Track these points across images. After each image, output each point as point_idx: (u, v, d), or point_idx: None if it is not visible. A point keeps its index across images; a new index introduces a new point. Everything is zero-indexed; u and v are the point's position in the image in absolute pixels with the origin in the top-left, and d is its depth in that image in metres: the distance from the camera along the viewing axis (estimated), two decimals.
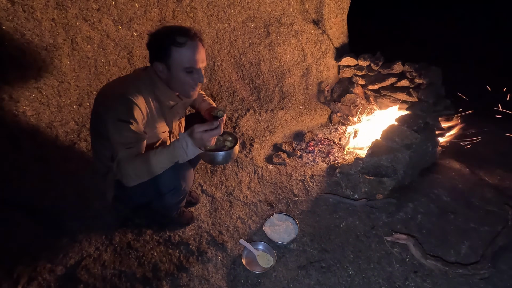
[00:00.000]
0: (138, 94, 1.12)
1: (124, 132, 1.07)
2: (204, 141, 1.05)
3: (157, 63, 1.12)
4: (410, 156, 1.81)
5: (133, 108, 1.08)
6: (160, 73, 1.15)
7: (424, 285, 1.38)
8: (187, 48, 1.08)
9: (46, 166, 1.55)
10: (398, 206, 1.78)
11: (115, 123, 1.06)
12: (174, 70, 1.11)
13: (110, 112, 1.08)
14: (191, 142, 1.05)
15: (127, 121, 1.07)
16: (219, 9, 2.22)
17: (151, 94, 1.18)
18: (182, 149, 1.06)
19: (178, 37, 1.06)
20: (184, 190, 1.34)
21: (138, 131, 1.10)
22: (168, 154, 1.08)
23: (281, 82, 2.65)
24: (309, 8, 2.62)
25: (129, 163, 1.06)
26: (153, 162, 1.08)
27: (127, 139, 1.08)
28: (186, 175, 1.31)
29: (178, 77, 1.13)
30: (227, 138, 1.37)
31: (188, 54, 1.09)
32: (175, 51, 1.07)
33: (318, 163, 2.26)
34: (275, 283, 1.39)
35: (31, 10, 1.45)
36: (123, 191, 1.29)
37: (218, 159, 1.27)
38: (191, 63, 1.10)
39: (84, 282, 1.30)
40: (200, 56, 1.12)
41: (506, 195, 1.85)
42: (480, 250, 1.50)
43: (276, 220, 1.68)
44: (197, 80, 1.16)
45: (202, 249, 1.52)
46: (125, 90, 1.11)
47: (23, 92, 1.48)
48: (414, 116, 1.97)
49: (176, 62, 1.09)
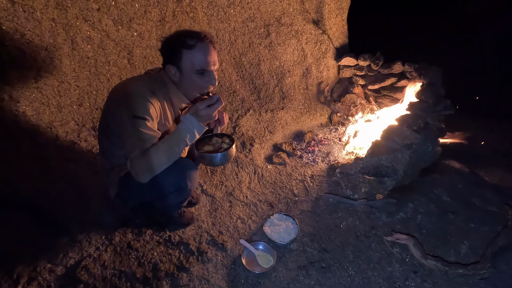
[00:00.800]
0: (152, 93, 1.13)
1: (140, 128, 1.07)
2: (210, 116, 1.09)
3: (170, 66, 1.13)
4: (410, 156, 1.81)
5: (148, 105, 1.09)
6: (172, 76, 1.16)
7: (424, 285, 1.38)
8: (198, 50, 1.09)
9: (46, 166, 1.55)
10: (398, 206, 1.78)
11: (131, 119, 1.07)
12: (185, 72, 1.13)
13: (125, 109, 1.08)
14: (197, 121, 1.08)
15: (143, 118, 1.08)
16: (219, 9, 2.22)
17: (165, 95, 1.20)
18: (189, 129, 1.08)
19: (188, 39, 1.08)
20: (190, 190, 1.34)
21: (153, 128, 1.11)
22: (177, 137, 1.09)
23: (281, 82, 2.65)
24: (309, 8, 2.62)
25: (143, 159, 1.06)
26: (164, 148, 1.08)
27: (142, 135, 1.08)
28: (192, 175, 1.31)
29: (190, 79, 1.14)
30: (224, 140, 1.38)
31: (198, 56, 1.10)
32: (185, 53, 1.09)
33: (318, 163, 2.26)
34: (275, 283, 1.39)
35: (31, 10, 1.45)
36: (127, 188, 1.29)
37: (215, 160, 1.27)
38: (202, 65, 1.11)
39: (84, 282, 1.30)
40: (211, 58, 1.13)
41: (506, 195, 1.85)
42: (480, 250, 1.50)
43: (276, 220, 1.69)
44: (208, 82, 1.16)
45: (202, 249, 1.52)
46: (140, 88, 1.12)
47: (23, 92, 1.48)
48: (414, 116, 1.96)
49: (187, 64, 1.10)
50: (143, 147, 1.07)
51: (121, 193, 1.33)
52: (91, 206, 1.59)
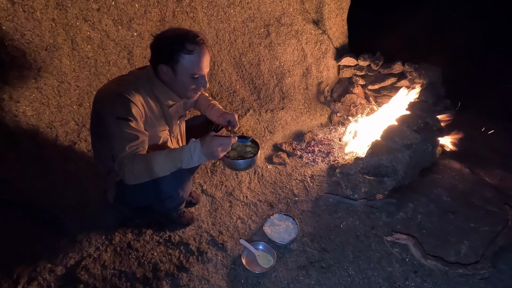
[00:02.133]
0: (135, 92, 1.12)
1: (124, 130, 1.06)
2: (214, 151, 1.04)
3: (163, 66, 1.12)
4: (410, 156, 1.81)
5: (131, 105, 1.08)
6: (163, 75, 1.15)
7: (424, 285, 1.38)
8: (196, 55, 1.09)
9: (46, 166, 1.54)
10: (398, 206, 1.78)
11: (114, 121, 1.06)
12: (180, 75, 1.12)
13: (108, 111, 1.08)
14: (200, 148, 1.05)
15: (126, 119, 1.06)
16: (219, 9, 2.22)
17: (149, 93, 1.18)
18: (189, 152, 1.05)
19: (188, 44, 1.07)
20: (182, 197, 1.36)
21: (138, 128, 1.10)
22: (173, 156, 1.06)
23: (281, 82, 2.65)
24: (309, 8, 2.62)
25: (131, 161, 1.04)
26: (156, 161, 1.05)
27: (128, 136, 1.07)
28: (185, 184, 1.32)
29: (182, 81, 1.14)
30: (247, 144, 1.39)
31: (196, 62, 1.10)
32: (183, 58, 1.08)
33: (318, 163, 2.26)
34: (275, 283, 1.39)
35: (31, 10, 1.44)
36: (124, 192, 1.29)
37: (238, 166, 1.29)
38: (198, 70, 1.12)
39: (84, 282, 1.30)
40: (206, 62, 1.14)
41: (506, 195, 1.85)
42: (480, 250, 1.50)
43: (276, 220, 1.68)
44: (201, 85, 1.17)
45: (202, 249, 1.52)
46: (121, 88, 1.11)
47: (23, 92, 1.48)
48: (414, 116, 1.97)
49: (183, 68, 1.10)
50: (130, 147, 1.05)
51: (119, 197, 1.33)
52: (91, 206, 1.59)
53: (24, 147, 1.50)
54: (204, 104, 1.54)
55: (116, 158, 1.06)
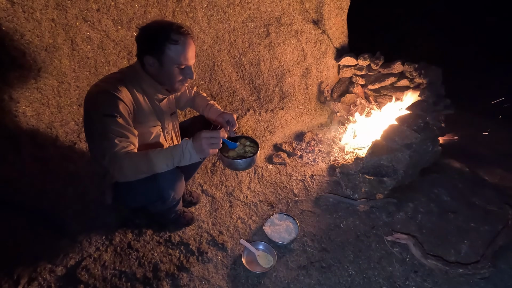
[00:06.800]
0: (121, 88, 1.11)
1: (112, 127, 1.05)
2: (203, 146, 1.02)
3: (148, 57, 1.12)
4: (410, 156, 1.81)
5: (117, 102, 1.08)
6: (149, 66, 1.15)
7: (425, 284, 1.38)
8: (181, 45, 1.09)
9: (46, 166, 1.54)
10: (398, 206, 1.78)
11: (102, 118, 1.05)
12: (166, 66, 1.12)
13: (95, 110, 1.08)
14: (191, 144, 1.04)
15: (112, 115, 1.06)
16: (219, 9, 2.22)
17: (137, 87, 1.18)
18: (180, 148, 1.04)
19: (173, 34, 1.07)
20: (174, 198, 1.34)
21: (125, 124, 1.09)
22: (165, 152, 1.06)
23: (281, 82, 2.65)
24: (309, 8, 2.62)
25: (121, 158, 1.03)
26: (147, 158, 1.04)
27: (116, 133, 1.06)
28: (176, 185, 1.30)
29: (169, 72, 1.14)
30: (245, 143, 1.38)
31: (182, 52, 1.10)
32: (169, 48, 1.08)
33: (318, 163, 2.26)
34: (275, 283, 1.39)
35: (31, 11, 1.44)
36: (120, 195, 1.29)
37: (238, 166, 1.29)
38: (184, 60, 1.12)
39: (84, 282, 1.30)
40: (192, 53, 1.14)
41: (506, 195, 1.85)
42: (481, 249, 1.50)
43: (277, 220, 1.68)
44: (187, 76, 1.18)
45: (202, 249, 1.52)
46: (108, 86, 1.10)
47: (23, 93, 1.48)
48: (414, 115, 1.96)
49: (169, 58, 1.10)
50: (118, 144, 1.04)
51: (116, 198, 1.33)
52: (91, 206, 1.58)
53: (24, 148, 1.50)
54: (202, 104, 1.53)
55: (106, 156, 1.04)
